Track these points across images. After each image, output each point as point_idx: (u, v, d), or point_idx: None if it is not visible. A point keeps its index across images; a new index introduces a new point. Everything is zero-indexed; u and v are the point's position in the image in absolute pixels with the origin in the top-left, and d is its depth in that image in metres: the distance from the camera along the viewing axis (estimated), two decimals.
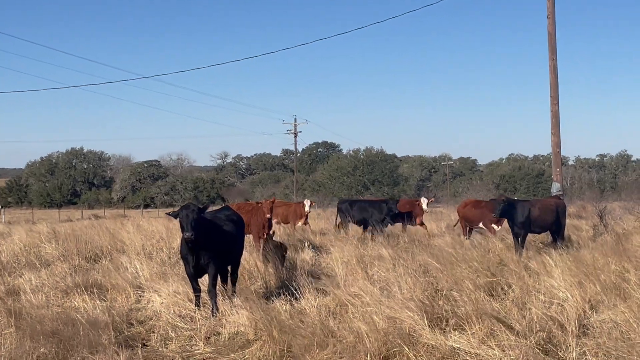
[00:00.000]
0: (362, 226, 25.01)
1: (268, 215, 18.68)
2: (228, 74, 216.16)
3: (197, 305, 11.10)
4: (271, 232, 17.29)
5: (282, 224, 26.95)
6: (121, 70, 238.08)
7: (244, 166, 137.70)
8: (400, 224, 25.50)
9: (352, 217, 25.38)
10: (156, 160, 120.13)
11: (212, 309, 10.76)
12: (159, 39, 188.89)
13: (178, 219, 10.85)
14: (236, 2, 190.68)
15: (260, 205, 19.78)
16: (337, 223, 26.38)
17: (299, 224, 26.71)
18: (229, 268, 12.30)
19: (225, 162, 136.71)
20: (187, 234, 10.61)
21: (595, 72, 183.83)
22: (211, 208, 12.56)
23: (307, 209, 26.93)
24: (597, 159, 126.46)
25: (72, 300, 12.08)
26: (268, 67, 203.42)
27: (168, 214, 11.47)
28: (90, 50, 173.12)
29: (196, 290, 11.29)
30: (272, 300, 11.47)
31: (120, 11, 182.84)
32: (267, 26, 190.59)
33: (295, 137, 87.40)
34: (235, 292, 11.94)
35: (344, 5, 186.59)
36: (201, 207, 11.07)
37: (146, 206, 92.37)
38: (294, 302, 11.39)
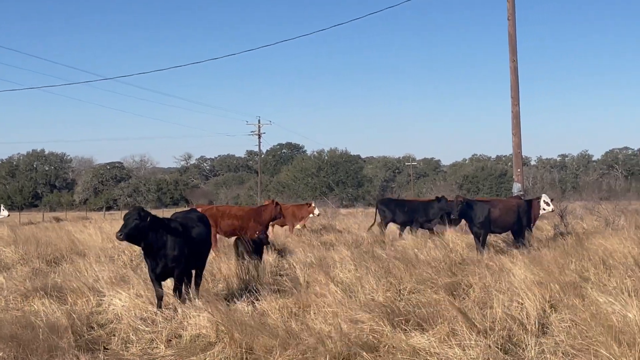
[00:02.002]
0: (403, 227, 24.36)
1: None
2: (191, 75, 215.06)
3: (159, 307, 11.06)
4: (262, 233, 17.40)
5: (279, 226, 26.83)
6: (81, 72, 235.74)
7: (207, 167, 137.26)
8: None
9: (396, 217, 24.52)
10: (119, 162, 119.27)
11: (176, 309, 10.77)
12: (119, 40, 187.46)
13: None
14: (198, 4, 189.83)
15: (265, 207, 19.97)
16: (374, 223, 25.27)
17: (298, 226, 26.57)
18: (193, 271, 12.24)
19: (188, 164, 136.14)
20: (117, 234, 10.87)
21: (557, 73, 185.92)
22: (176, 210, 12.56)
23: (316, 212, 26.90)
24: (558, 159, 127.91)
25: (32, 304, 11.94)
26: (231, 68, 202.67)
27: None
28: (48, 51, 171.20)
29: (158, 292, 11.25)
30: (235, 302, 11.45)
31: (78, 11, 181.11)
32: (228, 28, 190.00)
33: (259, 138, 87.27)
34: (198, 294, 11.89)
35: (305, 7, 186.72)
36: (144, 213, 11.04)
37: (109, 208, 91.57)
38: (256, 303, 11.37)
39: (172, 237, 11.27)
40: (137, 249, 18.65)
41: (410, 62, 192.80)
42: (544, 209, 21.27)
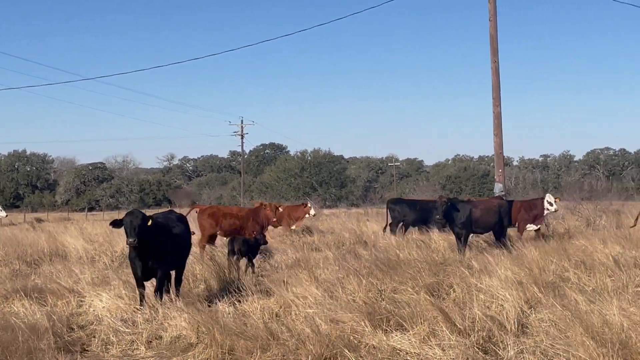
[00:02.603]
0: (414, 226, 24.08)
1: (275, 219, 19.32)
2: (173, 75, 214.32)
3: (142, 303, 11.11)
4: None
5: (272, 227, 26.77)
6: (63, 72, 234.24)
7: (190, 168, 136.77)
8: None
9: (407, 217, 24.17)
10: (101, 163, 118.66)
11: (156, 309, 10.80)
12: (101, 40, 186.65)
13: (123, 226, 10.94)
14: (179, 4, 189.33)
15: (263, 207, 19.98)
16: (388, 224, 24.73)
17: (293, 227, 26.50)
18: (173, 272, 12.23)
19: (171, 164, 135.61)
20: (129, 240, 10.77)
21: (538, 74, 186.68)
22: (157, 211, 12.57)
23: (312, 212, 26.82)
24: (540, 159, 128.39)
25: (12, 306, 11.87)
26: (213, 68, 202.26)
27: (113, 224, 11.38)
28: (29, 52, 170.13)
29: (141, 292, 11.35)
30: (216, 303, 11.45)
31: (59, 11, 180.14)
32: (211, 28, 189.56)
33: (242, 138, 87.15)
34: (178, 295, 11.88)
35: (287, 7, 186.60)
36: (145, 214, 11.14)
37: (91, 209, 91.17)
38: (237, 304, 11.38)
39: (162, 238, 11.39)
40: (119, 250, 18.68)
41: (392, 63, 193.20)
42: (547, 209, 21.33)
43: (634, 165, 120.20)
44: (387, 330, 9.09)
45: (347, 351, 8.08)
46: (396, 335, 8.76)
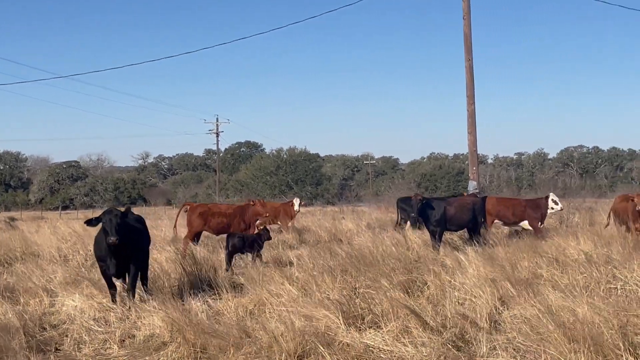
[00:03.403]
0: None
1: (267, 214, 20.33)
2: (147, 73, 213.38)
3: (114, 301, 11.12)
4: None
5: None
6: (36, 70, 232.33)
7: (165, 166, 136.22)
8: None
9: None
10: (75, 161, 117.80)
11: (129, 306, 10.87)
12: (74, 38, 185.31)
13: (101, 223, 10.93)
14: (154, 2, 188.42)
15: (251, 204, 19.99)
16: (398, 222, 24.50)
17: (289, 224, 26.42)
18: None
19: (146, 163, 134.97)
20: (112, 239, 10.73)
21: (513, 72, 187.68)
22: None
23: (296, 207, 26.65)
24: (515, 157, 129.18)
25: None
26: (188, 66, 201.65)
27: (88, 222, 11.35)
28: (1, 49, 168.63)
29: (112, 287, 11.42)
30: (190, 302, 11.40)
31: (31, 8, 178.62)
32: (184, 25, 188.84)
33: (217, 136, 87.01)
34: (147, 293, 11.92)
35: (262, 5, 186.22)
36: (124, 211, 11.18)
37: (65, 208, 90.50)
38: (211, 302, 11.35)
39: (133, 236, 11.48)
40: (92, 249, 18.53)
41: (367, 61, 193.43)
42: (552, 208, 21.38)
43: (607, 163, 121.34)
44: (360, 327, 9.12)
45: (320, 348, 8.07)
46: (370, 333, 8.78)
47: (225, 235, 17.43)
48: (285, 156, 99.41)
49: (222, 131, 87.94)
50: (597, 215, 27.23)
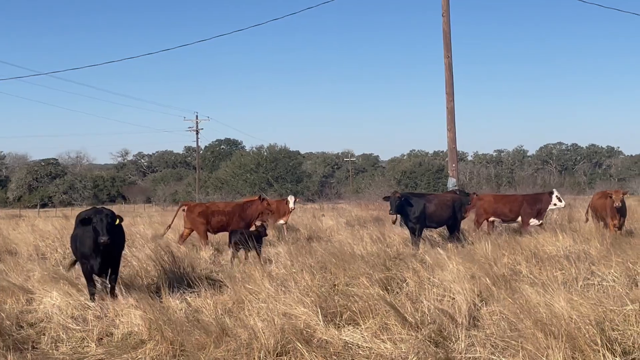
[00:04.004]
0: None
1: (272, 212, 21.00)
2: (127, 70, 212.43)
3: (93, 299, 11.15)
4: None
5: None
6: (15, 67, 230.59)
7: (145, 164, 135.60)
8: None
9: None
10: (54, 159, 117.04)
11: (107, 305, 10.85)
12: (53, 35, 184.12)
13: (92, 224, 11.08)
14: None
15: (250, 202, 20.05)
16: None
17: (281, 221, 26.29)
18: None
19: (125, 160, 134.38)
20: (103, 238, 10.91)
21: (492, 69, 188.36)
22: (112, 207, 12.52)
23: (291, 205, 26.42)
24: (494, 154, 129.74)
25: None
26: (167, 63, 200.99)
27: (83, 221, 11.38)
28: None
29: (93, 285, 11.45)
30: (168, 299, 11.36)
31: (9, 6, 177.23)
32: (164, 22, 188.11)
33: (197, 134, 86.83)
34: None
35: (241, 3, 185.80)
36: (111, 212, 11.43)
37: (43, 205, 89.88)
38: (190, 300, 11.31)
39: (118, 233, 11.65)
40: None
41: (347, 59, 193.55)
42: (555, 204, 21.39)
43: (585, 160, 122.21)
44: (339, 324, 9.12)
45: (299, 345, 8.06)
46: (348, 330, 8.78)
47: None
48: (265, 153, 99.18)
49: (202, 128, 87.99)
50: (576, 212, 27.39)
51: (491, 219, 22.01)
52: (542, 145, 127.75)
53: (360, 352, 8.22)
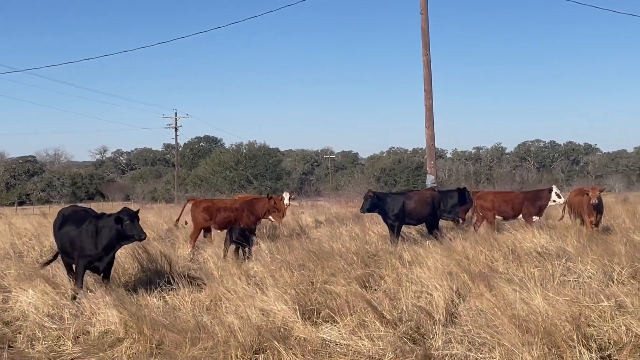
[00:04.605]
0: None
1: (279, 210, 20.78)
2: (105, 67, 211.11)
3: (75, 298, 11.12)
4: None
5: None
6: None
7: (124, 161, 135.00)
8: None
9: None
10: (31, 156, 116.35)
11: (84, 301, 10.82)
12: (30, 31, 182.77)
13: (124, 223, 11.35)
14: None
15: (258, 199, 20.52)
16: None
17: (271, 218, 26.21)
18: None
19: (104, 157, 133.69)
20: (143, 236, 11.50)
21: (471, 67, 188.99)
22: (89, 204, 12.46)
23: (286, 201, 26.27)
24: (473, 151, 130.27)
25: None
26: (145, 60, 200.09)
27: (117, 220, 11.48)
28: None
29: (81, 284, 11.52)
30: (146, 297, 11.32)
31: None
32: (142, 19, 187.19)
33: (176, 131, 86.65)
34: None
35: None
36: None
37: (21, 203, 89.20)
38: (167, 298, 11.27)
39: None
40: (48, 245, 18.31)
41: (327, 55, 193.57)
42: (554, 201, 21.36)
43: (563, 157, 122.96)
44: (317, 322, 9.12)
45: (276, 343, 8.06)
46: (326, 327, 8.78)
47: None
48: (244, 151, 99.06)
49: (181, 126, 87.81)
50: (553, 208, 27.50)
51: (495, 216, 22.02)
52: (520, 142, 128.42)
53: (338, 349, 8.23)
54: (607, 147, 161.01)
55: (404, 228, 19.59)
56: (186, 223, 21.09)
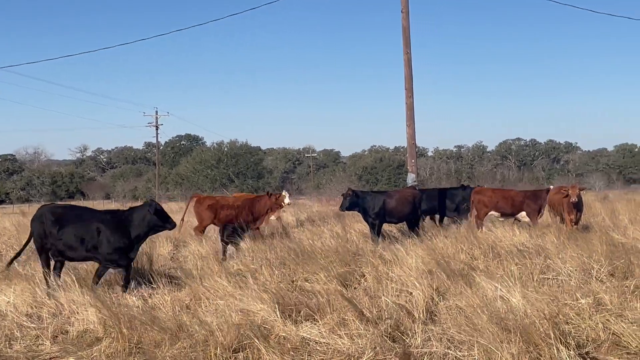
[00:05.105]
0: (426, 216, 23.30)
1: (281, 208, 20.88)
2: (85, 65, 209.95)
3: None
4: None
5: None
6: None
7: (104, 160, 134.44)
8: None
9: (427, 208, 23.18)
10: (11, 155, 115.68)
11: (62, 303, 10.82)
12: (9, 29, 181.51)
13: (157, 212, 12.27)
14: None
15: (260, 197, 20.38)
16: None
17: (272, 217, 26.12)
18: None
19: (84, 156, 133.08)
20: (174, 224, 12.67)
21: (452, 66, 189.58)
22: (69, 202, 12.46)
23: (287, 201, 26.14)
24: (454, 150, 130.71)
25: None
26: (126, 58, 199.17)
27: (157, 213, 12.29)
28: None
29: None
30: (125, 296, 11.27)
31: None
32: (122, 17, 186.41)
33: (157, 129, 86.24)
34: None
35: None
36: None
37: (0, 202, 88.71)
38: (147, 297, 11.23)
39: None
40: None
41: (309, 54, 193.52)
42: None
43: (544, 156, 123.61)
44: (297, 320, 9.10)
45: (256, 341, 8.04)
46: (306, 325, 8.77)
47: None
48: (226, 149, 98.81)
49: (162, 124, 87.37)
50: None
51: (490, 213, 22.05)
52: (501, 141, 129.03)
53: (318, 347, 8.22)
54: (587, 145, 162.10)
55: (385, 226, 19.64)
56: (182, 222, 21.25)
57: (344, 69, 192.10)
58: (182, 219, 21.61)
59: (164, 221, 12.33)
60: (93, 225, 12.01)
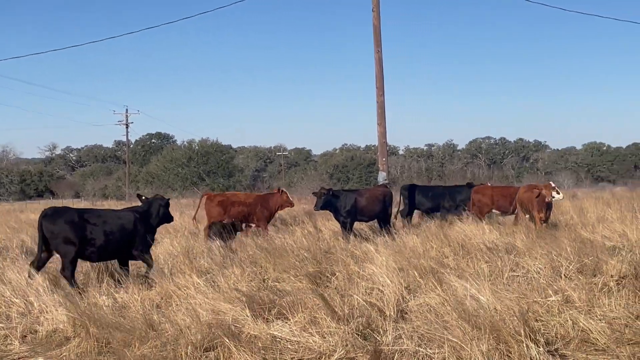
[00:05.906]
0: (428, 213, 23.54)
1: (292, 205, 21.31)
2: (54, 63, 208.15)
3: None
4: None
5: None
6: None
7: (74, 158, 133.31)
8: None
9: (420, 204, 23.74)
10: None
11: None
12: None
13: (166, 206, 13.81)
14: None
15: (272, 194, 20.90)
16: (398, 210, 23.71)
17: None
18: None
19: (54, 154, 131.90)
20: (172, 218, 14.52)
21: (423, 65, 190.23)
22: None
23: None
24: (425, 148, 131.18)
25: None
26: (95, 56, 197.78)
27: (166, 205, 13.94)
28: None
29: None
30: (95, 295, 11.18)
31: None
32: (91, 13, 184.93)
33: (127, 128, 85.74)
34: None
35: None
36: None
37: None
38: (117, 296, 11.15)
39: None
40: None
41: (279, 53, 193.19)
42: (553, 197, 21.40)
43: (513, 154, 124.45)
44: (268, 319, 9.10)
45: (226, 340, 8.02)
46: (277, 324, 8.76)
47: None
48: (196, 148, 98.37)
49: (132, 122, 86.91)
50: None
51: (493, 210, 22.16)
52: (471, 139, 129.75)
53: (289, 346, 8.22)
54: (556, 144, 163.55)
55: (356, 224, 19.69)
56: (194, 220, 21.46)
57: (315, 68, 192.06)
58: (194, 218, 21.66)
59: (169, 215, 14.04)
60: (129, 225, 13.11)
